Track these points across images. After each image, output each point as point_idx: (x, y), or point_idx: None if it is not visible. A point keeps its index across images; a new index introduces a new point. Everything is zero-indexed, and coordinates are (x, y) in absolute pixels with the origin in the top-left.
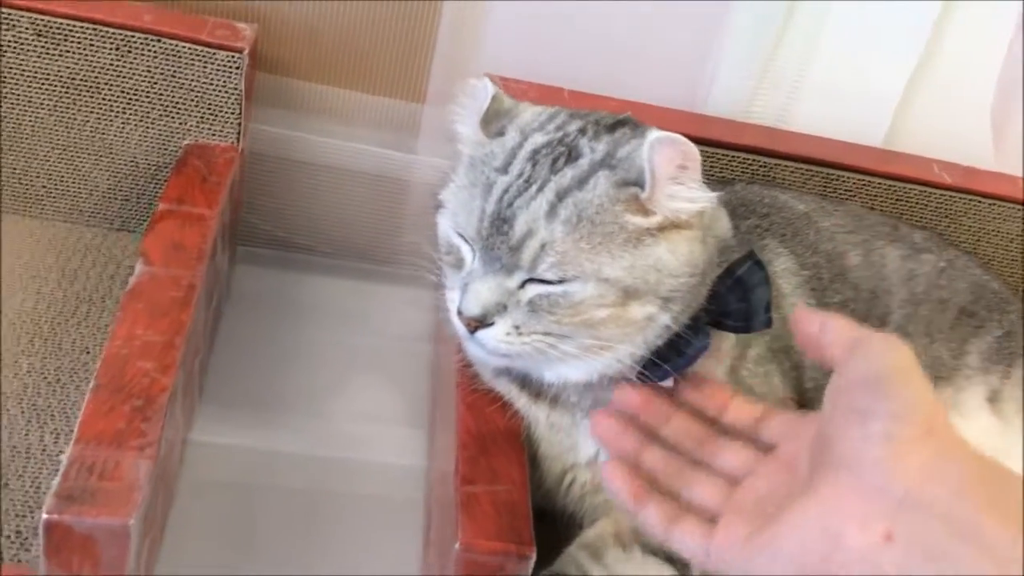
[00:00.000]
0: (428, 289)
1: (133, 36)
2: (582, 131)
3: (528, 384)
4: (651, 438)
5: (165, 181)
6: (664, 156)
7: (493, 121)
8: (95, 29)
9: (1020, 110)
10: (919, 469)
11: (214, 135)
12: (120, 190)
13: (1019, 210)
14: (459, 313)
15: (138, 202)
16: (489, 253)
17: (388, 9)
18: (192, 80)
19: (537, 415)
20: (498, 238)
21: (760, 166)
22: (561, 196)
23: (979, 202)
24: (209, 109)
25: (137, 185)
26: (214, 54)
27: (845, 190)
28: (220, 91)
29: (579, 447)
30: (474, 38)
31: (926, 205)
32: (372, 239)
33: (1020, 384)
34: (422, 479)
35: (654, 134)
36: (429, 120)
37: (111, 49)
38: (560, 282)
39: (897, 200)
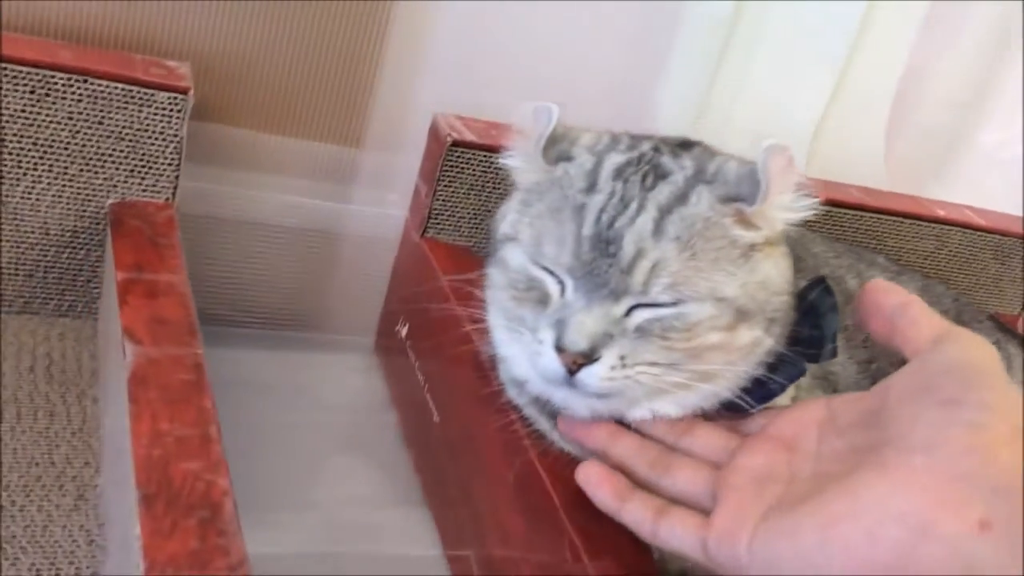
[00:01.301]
0: (368, 354)
1: (52, 77)
2: (657, 150)
3: None
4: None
5: (82, 251)
6: (778, 163)
7: (551, 147)
8: (2, 69)
9: (909, 130)
10: (1013, 460)
11: (145, 191)
12: (23, 264)
13: (934, 228)
14: (560, 350)
15: (45, 277)
16: (592, 279)
17: (324, 48)
18: (123, 127)
19: None
20: (603, 261)
21: None
22: (664, 212)
23: (900, 223)
24: (142, 161)
25: (45, 257)
26: (152, 96)
27: None
28: (157, 139)
29: None
30: (413, 81)
31: (857, 228)
32: (305, 303)
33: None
34: (444, 568)
35: (767, 141)
36: (367, 166)
37: (24, 93)
38: (673, 304)
39: (834, 225)
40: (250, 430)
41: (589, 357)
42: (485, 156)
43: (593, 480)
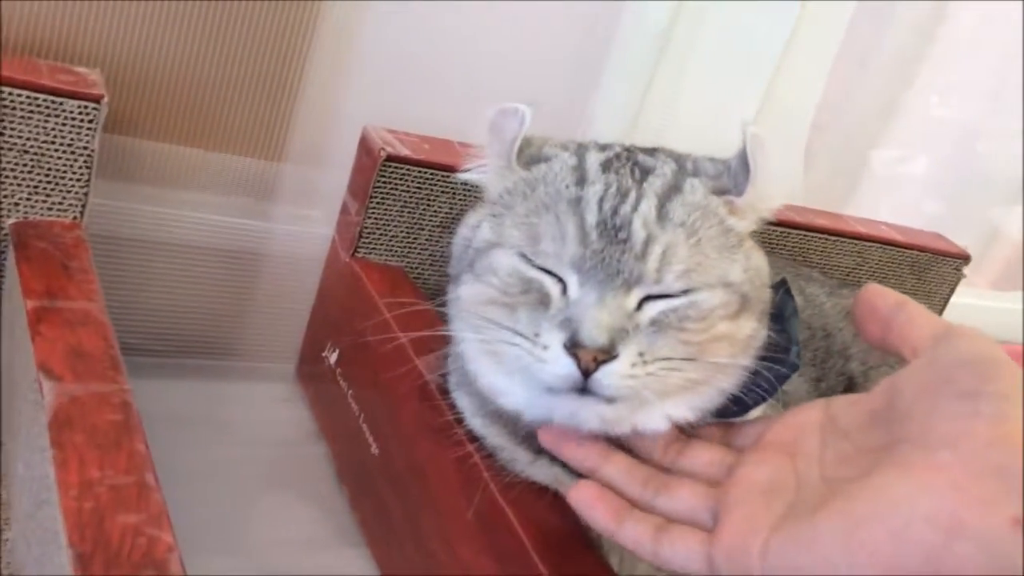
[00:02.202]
0: (290, 382)
1: None
2: (629, 150)
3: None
4: (610, 451)
5: None
6: (764, 150)
7: (524, 150)
8: None
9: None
10: None
11: (51, 209)
12: None
13: (855, 245)
14: (572, 351)
15: None
16: (602, 271)
17: (246, 55)
18: (27, 139)
19: None
20: (614, 248)
21: None
22: (664, 200)
23: (824, 239)
24: (48, 176)
25: None
26: (60, 105)
27: None
28: (64, 152)
29: None
30: (337, 93)
31: (783, 245)
32: (213, 329)
33: None
34: None
35: (750, 127)
36: (289, 182)
37: None
38: (685, 293)
39: (762, 242)
40: (166, 468)
41: (608, 354)
42: (420, 172)
43: (588, 500)
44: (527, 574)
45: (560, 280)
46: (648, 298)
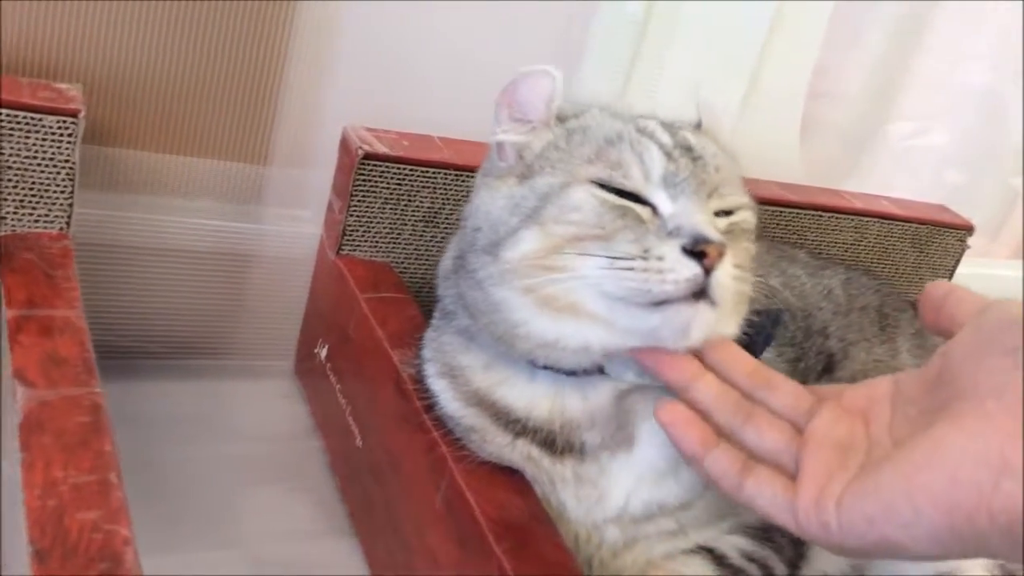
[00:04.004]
0: (289, 379)
1: None
2: None
3: (550, 442)
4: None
5: None
6: (714, 112)
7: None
8: None
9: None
10: None
11: (37, 222)
12: None
13: (852, 220)
14: (701, 242)
15: None
16: (690, 184)
17: (223, 61)
18: (10, 155)
19: (563, 473)
20: (695, 164)
21: None
22: (697, 135)
23: (819, 216)
24: (32, 190)
25: None
26: (40, 120)
27: None
28: (47, 166)
29: (608, 497)
30: (319, 92)
31: (777, 224)
32: (219, 330)
33: None
34: None
35: (702, 92)
36: (276, 183)
37: None
38: (735, 211)
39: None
40: (167, 467)
41: (725, 249)
42: (399, 169)
43: (679, 422)
44: (484, 556)
45: (646, 204)
46: (717, 214)
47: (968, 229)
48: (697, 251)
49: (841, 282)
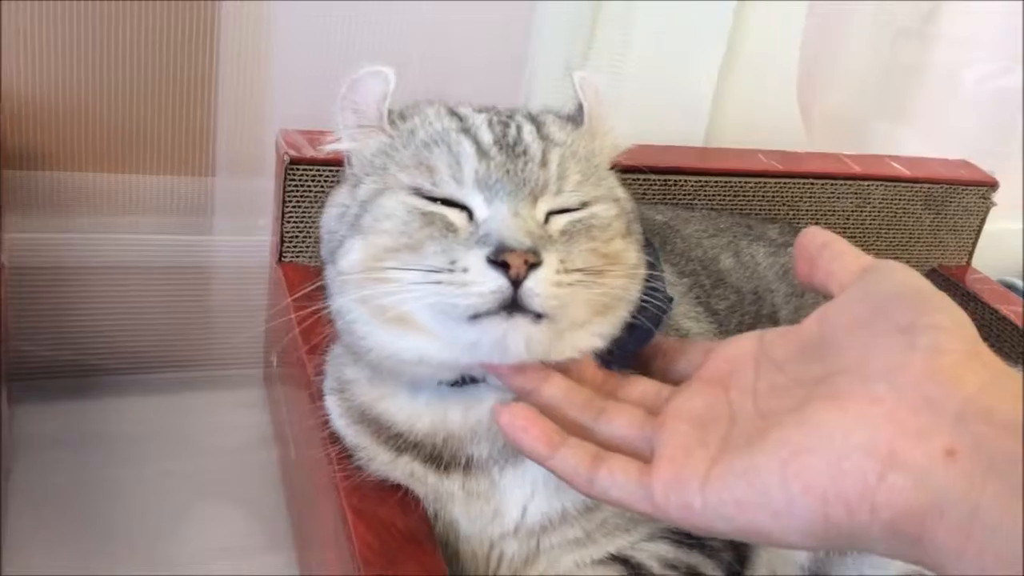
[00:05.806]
0: (252, 387)
1: None
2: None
3: (435, 457)
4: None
5: None
6: (594, 89)
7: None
8: None
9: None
10: (976, 383)
11: None
12: None
13: (851, 186)
14: (504, 251)
15: None
16: (508, 183)
17: (153, 73)
18: None
19: (451, 489)
20: (516, 162)
21: None
22: (538, 125)
23: (811, 184)
24: None
25: None
26: None
27: (684, 193)
28: None
29: (503, 511)
30: (258, 97)
31: (763, 196)
32: (175, 342)
33: None
34: None
35: (578, 73)
36: (224, 194)
37: None
38: (582, 207)
39: (735, 195)
40: (111, 484)
41: (536, 256)
42: (330, 171)
43: (520, 423)
44: None
45: (463, 209)
46: (551, 213)
47: (992, 185)
48: (500, 261)
49: None
